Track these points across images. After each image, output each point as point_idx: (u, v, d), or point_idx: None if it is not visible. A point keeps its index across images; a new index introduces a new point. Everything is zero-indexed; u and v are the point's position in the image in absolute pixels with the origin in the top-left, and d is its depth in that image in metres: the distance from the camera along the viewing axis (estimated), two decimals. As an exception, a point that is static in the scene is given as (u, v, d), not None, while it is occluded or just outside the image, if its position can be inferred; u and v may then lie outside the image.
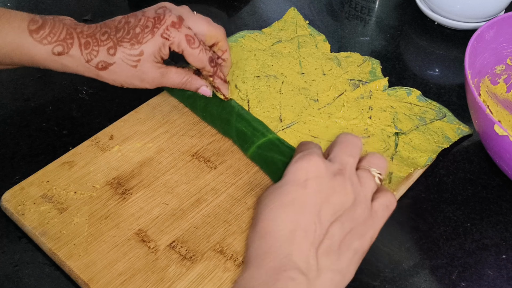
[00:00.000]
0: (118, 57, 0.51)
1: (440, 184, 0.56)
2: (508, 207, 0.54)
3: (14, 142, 0.57)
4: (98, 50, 0.50)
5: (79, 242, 0.47)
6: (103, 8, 0.75)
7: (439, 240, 0.51)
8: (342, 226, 0.42)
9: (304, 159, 0.43)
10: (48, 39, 0.50)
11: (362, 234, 0.43)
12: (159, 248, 0.47)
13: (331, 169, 0.43)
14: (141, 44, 0.50)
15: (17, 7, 0.75)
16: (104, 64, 0.51)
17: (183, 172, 0.53)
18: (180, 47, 0.52)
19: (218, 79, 0.55)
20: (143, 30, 0.51)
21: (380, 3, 0.79)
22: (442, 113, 0.60)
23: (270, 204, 0.43)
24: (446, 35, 0.75)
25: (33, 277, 0.47)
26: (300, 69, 0.63)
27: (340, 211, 0.42)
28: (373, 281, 0.48)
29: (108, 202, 0.50)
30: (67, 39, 0.50)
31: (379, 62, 0.66)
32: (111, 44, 0.50)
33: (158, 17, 0.51)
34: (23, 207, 0.49)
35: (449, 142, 0.57)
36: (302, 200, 0.42)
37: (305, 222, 0.41)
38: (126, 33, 0.51)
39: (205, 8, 0.76)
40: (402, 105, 0.60)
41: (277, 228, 0.41)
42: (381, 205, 0.44)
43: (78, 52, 0.50)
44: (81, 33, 0.51)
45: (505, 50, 0.61)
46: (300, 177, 0.43)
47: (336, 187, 0.42)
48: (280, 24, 0.71)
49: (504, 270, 0.49)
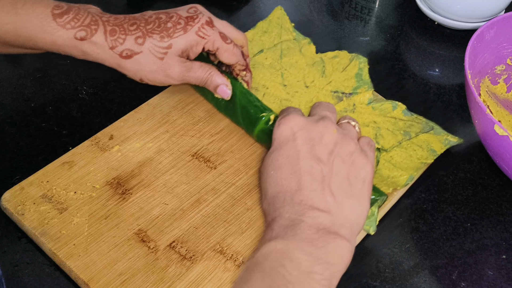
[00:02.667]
0: (146, 47, 0.50)
1: (440, 184, 0.56)
2: (508, 207, 0.54)
3: (14, 142, 0.57)
4: (125, 38, 0.50)
5: (79, 242, 0.47)
6: (103, 8, 0.75)
7: (439, 240, 0.51)
8: (343, 160, 0.46)
9: (285, 119, 0.48)
10: (71, 24, 0.49)
11: (363, 164, 0.47)
12: (159, 248, 0.47)
13: (312, 119, 0.48)
14: (171, 38, 0.51)
15: (17, 7, 0.75)
16: (129, 53, 0.50)
17: (183, 172, 0.53)
18: (216, 45, 0.53)
19: (249, 72, 0.56)
20: (174, 26, 0.51)
21: (380, 3, 0.79)
22: (429, 126, 0.57)
23: (270, 169, 0.46)
24: (446, 35, 0.75)
25: (33, 277, 0.47)
26: (282, 80, 0.61)
27: (335, 149, 0.46)
28: (373, 281, 0.48)
29: (108, 202, 0.50)
30: (91, 25, 0.50)
31: (366, 61, 0.63)
32: (139, 34, 0.50)
33: (191, 17, 0.52)
34: (23, 207, 0.49)
35: (434, 156, 0.55)
36: (296, 152, 0.46)
37: (307, 167, 0.45)
38: (157, 26, 0.51)
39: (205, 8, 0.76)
40: (386, 120, 0.58)
41: (284, 184, 0.45)
42: (364, 143, 0.49)
43: (102, 38, 0.50)
44: (107, 21, 0.51)
45: (505, 50, 0.61)
46: (287, 135, 0.47)
47: (322, 129, 0.47)
48: (265, 25, 0.67)
49: (504, 270, 0.49)
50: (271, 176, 0.46)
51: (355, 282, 0.48)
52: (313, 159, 0.45)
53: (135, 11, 0.53)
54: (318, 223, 0.42)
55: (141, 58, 0.51)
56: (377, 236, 0.51)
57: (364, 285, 0.47)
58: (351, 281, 0.48)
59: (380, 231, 0.51)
